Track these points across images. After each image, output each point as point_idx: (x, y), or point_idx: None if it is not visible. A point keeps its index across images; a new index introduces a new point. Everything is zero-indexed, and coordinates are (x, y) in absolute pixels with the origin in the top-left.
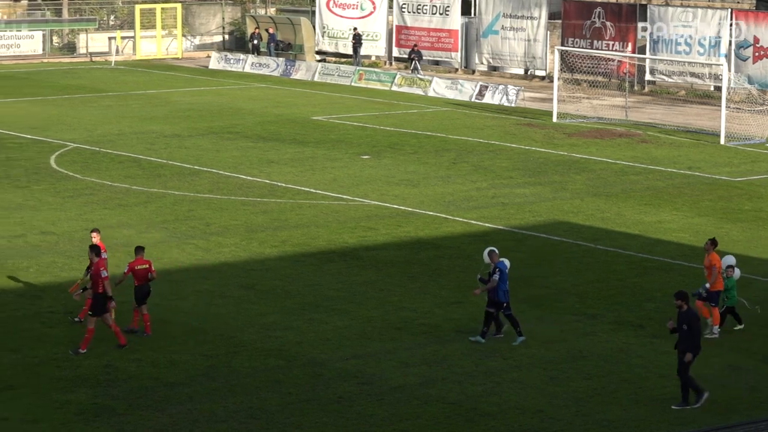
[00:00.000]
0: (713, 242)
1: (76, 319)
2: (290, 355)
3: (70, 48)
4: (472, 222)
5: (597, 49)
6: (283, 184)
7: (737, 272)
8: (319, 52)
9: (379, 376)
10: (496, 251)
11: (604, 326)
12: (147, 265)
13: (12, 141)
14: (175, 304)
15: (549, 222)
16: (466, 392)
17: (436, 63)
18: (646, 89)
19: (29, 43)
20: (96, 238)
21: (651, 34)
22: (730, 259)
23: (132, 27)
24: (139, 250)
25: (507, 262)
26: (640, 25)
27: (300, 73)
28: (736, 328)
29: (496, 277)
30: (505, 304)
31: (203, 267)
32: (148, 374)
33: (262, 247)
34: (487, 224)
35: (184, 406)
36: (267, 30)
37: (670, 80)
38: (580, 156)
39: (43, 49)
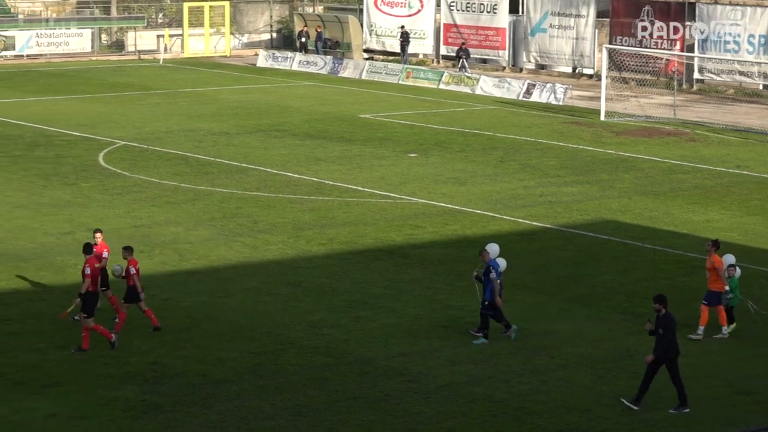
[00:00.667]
0: (715, 244)
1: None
2: (337, 353)
3: (119, 46)
4: (519, 220)
5: (645, 47)
6: (331, 182)
7: (738, 271)
8: (366, 50)
9: (426, 374)
10: (487, 250)
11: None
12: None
13: (61, 138)
14: (223, 301)
15: (596, 221)
16: (512, 391)
17: (484, 61)
18: (695, 88)
19: (78, 41)
20: (99, 238)
21: (700, 32)
22: (731, 259)
23: (180, 25)
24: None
25: (502, 263)
26: (688, 23)
27: (347, 71)
28: (730, 328)
29: (494, 275)
30: (486, 303)
31: (251, 264)
32: (196, 371)
33: (310, 244)
34: (534, 223)
35: (232, 403)
36: (315, 28)
37: (718, 79)
38: (627, 154)
39: (92, 47)
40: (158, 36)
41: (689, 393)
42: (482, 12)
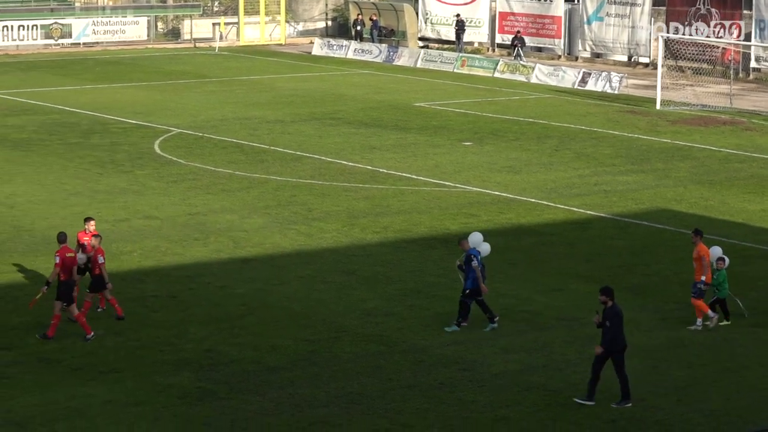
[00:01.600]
0: (698, 233)
1: (99, 309)
2: (391, 341)
3: (175, 34)
4: (574, 209)
5: (704, 35)
6: (385, 170)
7: (726, 263)
8: (421, 39)
9: (480, 363)
10: (468, 239)
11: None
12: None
13: (117, 126)
14: (277, 288)
15: (652, 210)
16: (567, 380)
17: (539, 50)
18: (751, 77)
19: (134, 29)
20: (91, 226)
21: (758, 20)
22: (719, 251)
23: (236, 13)
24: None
25: (485, 248)
26: (744, 11)
27: (402, 59)
28: (722, 324)
29: (475, 263)
30: (467, 291)
31: (305, 252)
32: (250, 358)
33: (364, 233)
34: (589, 212)
35: (286, 390)
36: (370, 17)
37: None
38: (683, 143)
39: (148, 35)
40: (214, 24)
41: (744, 383)
42: (538, 0)
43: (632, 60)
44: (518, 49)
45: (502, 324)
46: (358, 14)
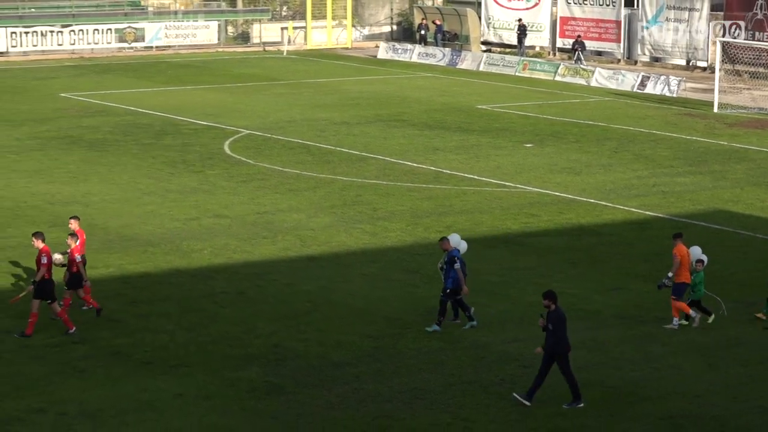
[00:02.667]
0: (678, 235)
1: (85, 308)
2: (453, 338)
3: (244, 38)
4: (633, 210)
5: (758, 40)
6: (448, 171)
7: (705, 264)
8: (484, 43)
9: (540, 360)
10: (448, 239)
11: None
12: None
13: (188, 127)
14: (342, 286)
15: (709, 210)
16: (625, 377)
17: (599, 54)
18: None
19: (205, 32)
20: (74, 225)
21: None
22: (698, 252)
23: (303, 17)
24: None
25: (462, 245)
26: None
27: (465, 63)
28: (708, 321)
29: (458, 265)
30: (448, 290)
31: (370, 251)
32: (315, 354)
33: (427, 232)
34: (647, 212)
35: (350, 385)
36: (434, 21)
37: None
38: (740, 146)
39: (218, 39)
40: (282, 28)
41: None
42: (598, 5)
43: (690, 64)
44: (579, 53)
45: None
46: (423, 19)
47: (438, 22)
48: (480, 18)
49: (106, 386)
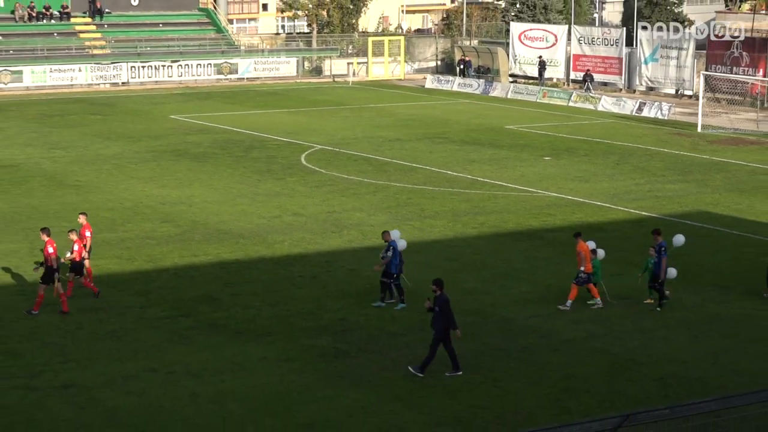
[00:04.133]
0: (577, 234)
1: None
2: (485, 314)
3: (317, 71)
4: (631, 210)
5: (735, 74)
6: (482, 179)
7: (600, 253)
8: (511, 75)
9: (555, 331)
10: (389, 232)
11: (736, 296)
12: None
13: (272, 143)
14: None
15: (693, 211)
16: (624, 346)
17: (604, 84)
18: None
19: (286, 66)
20: (82, 219)
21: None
22: (592, 244)
23: (365, 54)
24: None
25: (402, 243)
26: None
27: (496, 91)
28: (590, 302)
29: (389, 254)
30: (395, 275)
31: (418, 243)
32: (375, 325)
33: (465, 228)
34: (643, 212)
35: (402, 351)
36: (465, 57)
37: None
38: (719, 159)
39: (297, 72)
40: (348, 63)
41: (767, 351)
42: (604, 45)
43: (679, 93)
44: (588, 84)
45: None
46: (462, 56)
47: (468, 59)
48: (508, 55)
49: (206, 351)
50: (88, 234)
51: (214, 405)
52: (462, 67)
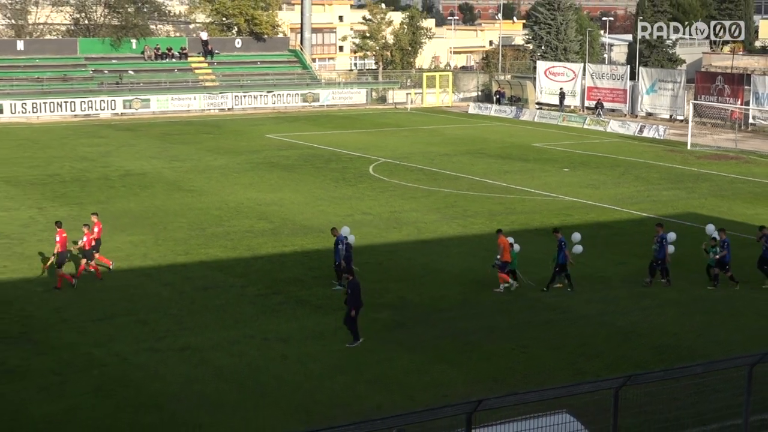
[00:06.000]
0: (499, 231)
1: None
2: (515, 293)
3: (382, 99)
4: (633, 212)
5: (718, 102)
6: (513, 186)
7: (516, 247)
8: (537, 103)
9: (572, 308)
10: (336, 228)
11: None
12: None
13: (346, 156)
14: (444, 260)
15: (683, 213)
16: (627, 320)
17: (612, 110)
18: (749, 129)
19: (357, 96)
20: (94, 218)
21: (754, 92)
22: (512, 239)
23: (421, 86)
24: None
25: (351, 238)
26: (746, 87)
27: (525, 116)
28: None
29: (341, 246)
30: (336, 263)
31: (461, 237)
32: (427, 303)
33: (499, 225)
34: (642, 213)
35: (448, 324)
36: (501, 89)
37: (764, 123)
38: (704, 171)
39: (366, 100)
40: (407, 93)
41: (741, 325)
42: (612, 79)
43: (672, 117)
44: (599, 110)
45: (585, 283)
46: (498, 88)
47: (502, 90)
48: (535, 87)
49: (293, 321)
50: (96, 230)
51: (298, 365)
52: (498, 96)
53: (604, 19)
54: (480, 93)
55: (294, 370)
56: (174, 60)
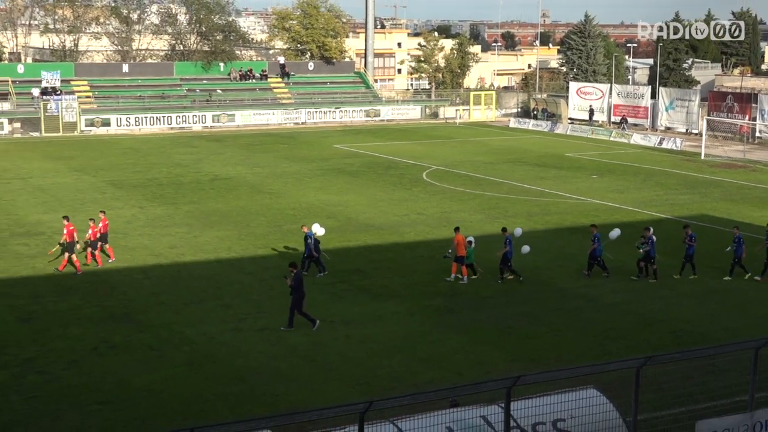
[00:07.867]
0: (456, 228)
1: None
2: (546, 284)
3: (435, 115)
4: (653, 213)
5: (730, 118)
6: (548, 190)
7: (473, 244)
8: (570, 118)
9: (598, 297)
10: (307, 226)
11: (727, 275)
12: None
13: (402, 164)
14: (488, 253)
15: (698, 215)
16: (647, 308)
17: (635, 125)
18: (756, 141)
19: (413, 111)
20: (102, 215)
21: (760, 110)
22: (470, 238)
23: (468, 103)
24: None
25: (320, 231)
26: (753, 105)
27: (559, 129)
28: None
29: (311, 240)
30: (305, 255)
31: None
32: (473, 291)
33: (535, 224)
34: (661, 215)
35: (490, 309)
36: (540, 106)
37: None
38: (716, 178)
39: (420, 115)
40: (456, 110)
41: (746, 313)
42: (634, 98)
43: (688, 131)
44: (624, 125)
45: (612, 275)
46: (535, 105)
47: (542, 107)
48: (568, 104)
49: (356, 306)
50: (100, 224)
51: (360, 344)
52: (535, 112)
53: (628, 45)
54: (519, 109)
55: (356, 348)
56: (255, 81)
